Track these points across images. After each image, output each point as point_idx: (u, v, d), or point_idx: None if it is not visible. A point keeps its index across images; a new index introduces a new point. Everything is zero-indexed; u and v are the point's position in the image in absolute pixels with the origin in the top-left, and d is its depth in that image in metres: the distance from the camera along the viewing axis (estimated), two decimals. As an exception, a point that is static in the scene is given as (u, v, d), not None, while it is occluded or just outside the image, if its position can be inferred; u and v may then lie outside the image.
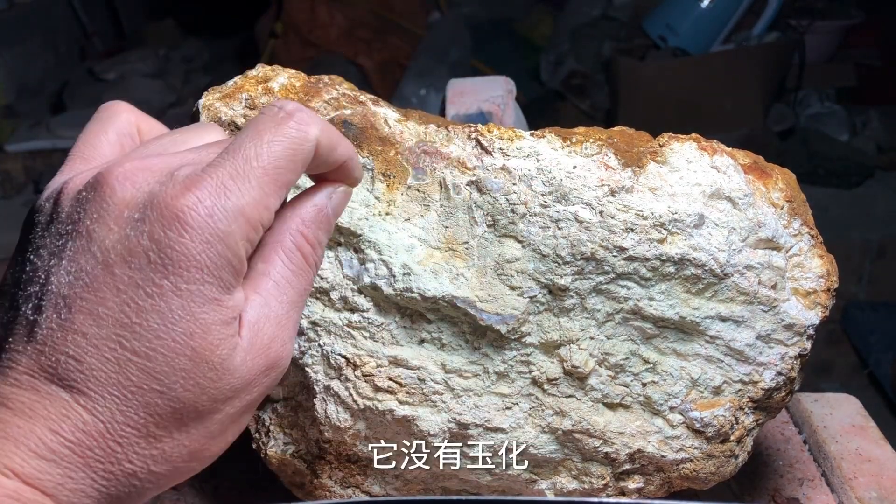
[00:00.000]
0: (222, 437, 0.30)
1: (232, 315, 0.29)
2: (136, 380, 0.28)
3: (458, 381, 0.42)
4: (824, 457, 0.55)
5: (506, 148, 0.41)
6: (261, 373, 0.31)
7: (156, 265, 0.28)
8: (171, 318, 0.28)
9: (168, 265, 0.28)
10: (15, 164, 2.03)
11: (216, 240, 0.28)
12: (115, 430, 0.28)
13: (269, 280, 0.31)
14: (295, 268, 0.32)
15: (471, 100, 0.56)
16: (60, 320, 0.28)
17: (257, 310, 0.30)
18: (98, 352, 0.27)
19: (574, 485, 0.45)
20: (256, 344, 0.30)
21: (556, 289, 0.41)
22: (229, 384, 0.29)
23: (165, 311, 0.28)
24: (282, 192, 0.31)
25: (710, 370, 0.43)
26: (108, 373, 0.28)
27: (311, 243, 0.32)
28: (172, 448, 0.29)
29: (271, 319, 0.31)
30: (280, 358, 0.31)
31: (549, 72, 2.36)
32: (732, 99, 1.99)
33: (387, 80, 2.26)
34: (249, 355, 0.30)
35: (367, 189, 0.42)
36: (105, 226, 0.28)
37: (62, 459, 0.27)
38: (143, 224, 0.28)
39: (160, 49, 2.57)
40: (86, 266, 0.28)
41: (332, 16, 2.29)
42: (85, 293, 0.28)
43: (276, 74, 0.44)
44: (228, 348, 0.29)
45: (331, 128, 0.32)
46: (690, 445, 0.44)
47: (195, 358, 0.28)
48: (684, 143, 0.43)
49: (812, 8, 2.21)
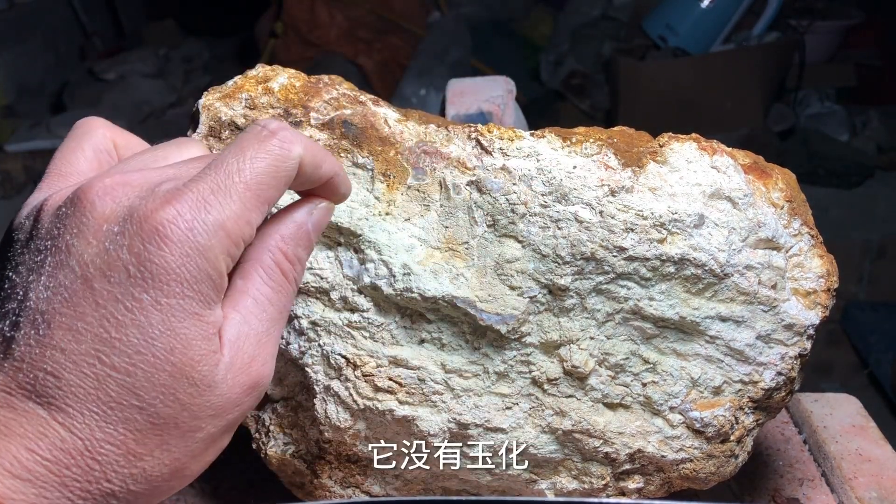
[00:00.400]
0: (203, 456, 0.30)
1: (212, 331, 0.29)
2: (115, 395, 0.27)
3: (458, 381, 0.42)
4: (824, 457, 0.55)
5: (506, 148, 0.41)
6: (243, 392, 0.30)
7: (135, 279, 0.27)
8: (151, 333, 0.28)
9: (148, 279, 0.28)
10: (15, 164, 2.04)
11: (196, 253, 0.28)
12: (93, 448, 0.27)
13: (248, 297, 0.31)
14: (274, 285, 0.32)
15: (471, 100, 0.56)
16: (38, 336, 0.27)
17: (237, 328, 0.30)
18: (77, 368, 0.27)
19: (574, 485, 0.45)
20: (237, 362, 0.30)
21: (556, 289, 0.41)
22: (210, 401, 0.29)
23: (145, 326, 0.28)
24: (263, 209, 0.30)
25: (710, 370, 0.43)
26: (88, 389, 0.27)
27: (291, 260, 0.32)
28: (152, 466, 0.28)
29: (251, 337, 0.31)
30: (262, 377, 0.31)
31: (549, 72, 2.36)
32: (732, 99, 1.99)
33: (387, 80, 2.26)
34: (230, 373, 0.30)
35: (367, 189, 0.42)
36: (84, 240, 0.28)
37: (38, 479, 0.27)
38: (123, 237, 0.28)
39: (160, 49, 2.57)
40: (64, 281, 0.28)
41: (332, 16, 2.29)
42: (63, 308, 0.28)
43: (276, 74, 0.44)
44: (210, 364, 0.29)
45: (315, 146, 0.32)
46: (690, 445, 0.44)
47: (176, 374, 0.28)
48: (684, 143, 0.43)
49: (812, 8, 2.21)
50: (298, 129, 0.42)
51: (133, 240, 0.28)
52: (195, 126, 0.42)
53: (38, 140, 2.09)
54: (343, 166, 0.40)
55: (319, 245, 0.42)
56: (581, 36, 2.33)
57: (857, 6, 2.26)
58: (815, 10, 2.20)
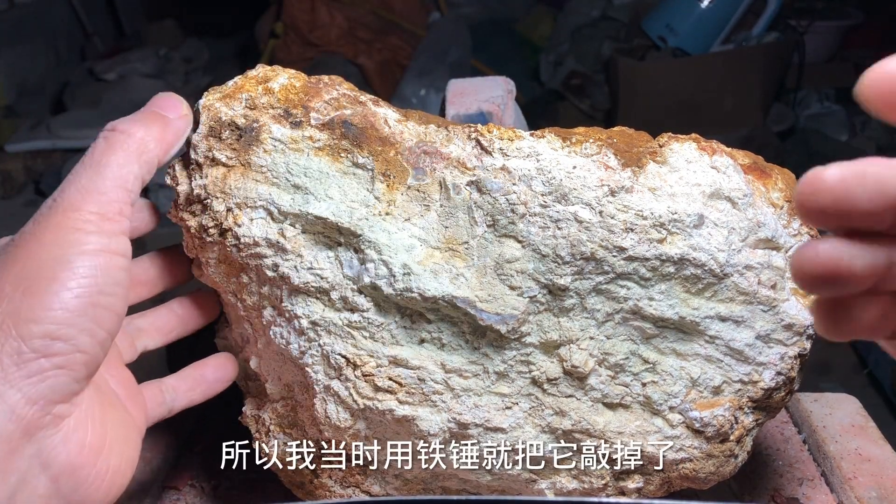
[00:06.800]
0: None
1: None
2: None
3: (458, 381, 0.42)
4: (824, 456, 0.55)
5: (506, 148, 0.41)
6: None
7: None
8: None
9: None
10: (15, 164, 2.04)
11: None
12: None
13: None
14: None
15: (471, 100, 0.56)
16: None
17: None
18: None
19: (574, 484, 0.45)
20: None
21: (556, 289, 0.41)
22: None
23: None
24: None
25: (709, 370, 0.43)
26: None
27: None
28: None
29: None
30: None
31: (549, 72, 2.36)
32: (732, 99, 2.00)
33: (387, 80, 2.26)
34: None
35: (367, 189, 0.42)
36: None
37: None
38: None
39: (160, 49, 2.57)
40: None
41: (332, 16, 2.29)
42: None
43: (276, 74, 0.44)
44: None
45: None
46: (690, 445, 0.44)
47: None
48: (684, 144, 0.43)
49: (812, 8, 2.21)
50: (299, 129, 0.42)
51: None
52: (195, 126, 0.42)
53: (39, 140, 2.09)
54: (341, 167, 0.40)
55: (319, 245, 0.42)
56: (581, 36, 2.33)
57: (856, 6, 2.26)
58: (815, 10, 2.20)
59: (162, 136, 0.37)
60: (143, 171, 0.36)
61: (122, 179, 0.35)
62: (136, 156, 0.36)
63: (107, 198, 0.34)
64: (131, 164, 0.35)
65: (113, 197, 0.35)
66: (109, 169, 0.35)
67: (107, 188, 0.34)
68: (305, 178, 0.41)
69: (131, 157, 0.35)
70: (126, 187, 0.35)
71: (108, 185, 0.35)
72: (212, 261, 0.43)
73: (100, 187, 0.34)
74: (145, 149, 0.36)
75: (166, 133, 0.38)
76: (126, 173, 0.35)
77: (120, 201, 0.35)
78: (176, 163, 0.44)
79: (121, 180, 0.35)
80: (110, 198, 0.34)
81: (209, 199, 0.41)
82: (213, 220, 0.42)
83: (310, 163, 0.41)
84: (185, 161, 0.43)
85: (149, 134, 0.37)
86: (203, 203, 0.42)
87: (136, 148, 0.36)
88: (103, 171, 0.35)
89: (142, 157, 0.36)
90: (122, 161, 0.35)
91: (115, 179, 0.35)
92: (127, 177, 0.35)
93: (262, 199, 0.41)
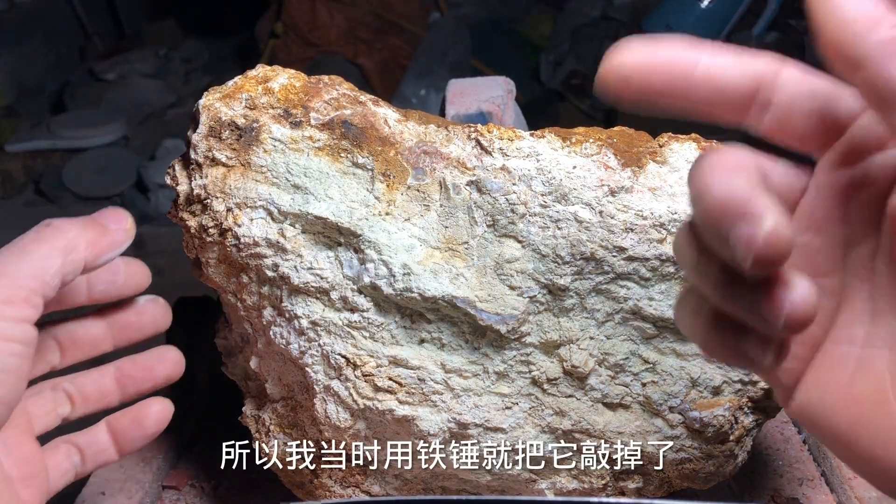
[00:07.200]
0: None
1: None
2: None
3: (458, 381, 0.42)
4: (824, 456, 0.55)
5: (506, 148, 0.41)
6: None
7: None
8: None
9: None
10: (15, 164, 2.03)
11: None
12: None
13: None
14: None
15: (471, 100, 0.56)
16: None
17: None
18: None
19: (574, 484, 0.45)
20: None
21: (556, 289, 0.41)
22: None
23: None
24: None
25: (709, 370, 0.43)
26: None
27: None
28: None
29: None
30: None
31: (549, 72, 2.36)
32: (732, 99, 1.99)
33: (387, 80, 2.26)
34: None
35: (367, 189, 0.42)
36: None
37: None
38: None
39: (160, 49, 2.57)
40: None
41: (332, 16, 2.29)
42: None
43: (276, 74, 0.44)
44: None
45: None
46: (690, 445, 0.44)
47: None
48: (684, 143, 0.43)
49: (812, 8, 2.21)
50: (298, 129, 0.42)
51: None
52: (195, 126, 0.42)
53: (39, 140, 2.09)
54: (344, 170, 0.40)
55: (319, 245, 0.42)
56: (581, 36, 2.33)
57: (856, 6, 2.26)
58: (815, 10, 2.20)
59: (95, 241, 0.36)
60: (66, 268, 0.35)
61: (40, 270, 0.34)
62: (63, 252, 0.35)
63: (17, 283, 0.34)
64: (54, 259, 0.35)
65: (23, 283, 0.34)
66: (30, 257, 0.34)
67: (20, 275, 0.34)
68: (305, 178, 0.41)
69: (56, 252, 0.35)
70: (42, 278, 0.34)
71: (24, 272, 0.34)
72: (212, 261, 0.43)
73: (13, 272, 0.34)
74: (73, 248, 0.35)
75: (101, 239, 0.37)
76: (47, 265, 0.35)
77: (30, 290, 0.34)
78: (176, 162, 0.44)
79: (39, 270, 0.34)
80: (20, 284, 0.34)
81: (209, 199, 0.41)
82: (213, 220, 0.42)
83: (310, 163, 0.41)
84: (185, 161, 0.43)
85: (81, 236, 0.36)
86: (203, 203, 0.42)
87: (65, 245, 0.35)
88: (24, 257, 0.34)
89: (68, 255, 0.35)
90: (45, 253, 0.35)
91: (33, 269, 0.34)
92: (47, 269, 0.35)
93: (262, 199, 0.41)
